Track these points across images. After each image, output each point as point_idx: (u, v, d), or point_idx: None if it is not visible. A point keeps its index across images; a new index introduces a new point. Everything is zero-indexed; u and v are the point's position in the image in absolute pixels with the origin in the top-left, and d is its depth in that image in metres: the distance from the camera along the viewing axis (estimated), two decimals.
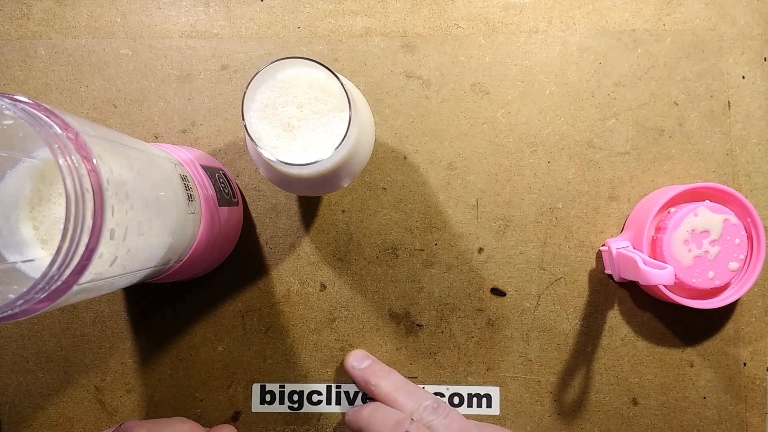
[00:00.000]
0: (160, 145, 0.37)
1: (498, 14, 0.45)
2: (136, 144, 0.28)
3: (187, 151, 0.37)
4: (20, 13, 0.45)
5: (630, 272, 0.39)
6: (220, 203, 0.36)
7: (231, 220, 0.39)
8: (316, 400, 0.44)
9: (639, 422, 0.44)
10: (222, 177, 0.39)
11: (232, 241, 0.41)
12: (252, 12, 0.45)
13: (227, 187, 0.39)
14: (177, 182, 0.29)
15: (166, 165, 0.29)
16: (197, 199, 0.32)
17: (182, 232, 0.30)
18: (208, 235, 0.34)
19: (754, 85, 0.45)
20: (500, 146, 0.45)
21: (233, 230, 0.41)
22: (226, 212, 0.37)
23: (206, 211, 0.34)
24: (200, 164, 0.37)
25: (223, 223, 0.37)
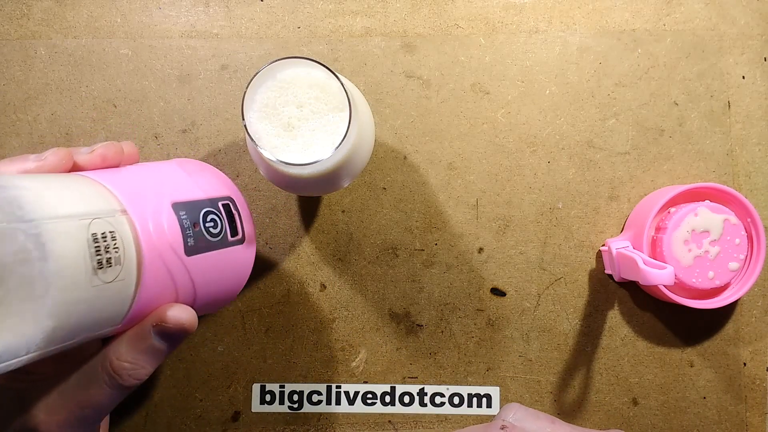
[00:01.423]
0: (118, 173, 0.29)
1: (498, 14, 0.45)
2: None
3: (163, 181, 0.30)
4: (20, 13, 0.45)
5: (630, 272, 0.39)
6: (191, 252, 0.28)
7: (222, 265, 0.31)
8: (316, 400, 0.44)
9: (639, 422, 0.44)
10: (216, 212, 0.31)
11: (230, 286, 0.33)
12: (252, 12, 0.45)
13: (220, 225, 0.31)
14: (73, 252, 0.23)
15: (52, 232, 0.22)
16: (128, 261, 0.25)
17: (80, 309, 0.23)
18: (160, 297, 0.28)
19: (754, 85, 0.45)
20: (500, 146, 0.45)
21: (230, 275, 0.32)
22: (209, 260, 0.30)
23: (154, 270, 0.27)
24: (176, 201, 0.29)
25: (201, 276, 0.29)
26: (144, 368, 0.27)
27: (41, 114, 0.45)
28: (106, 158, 0.29)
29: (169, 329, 0.27)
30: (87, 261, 0.23)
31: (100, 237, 0.24)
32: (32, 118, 0.45)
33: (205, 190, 0.32)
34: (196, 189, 0.31)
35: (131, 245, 0.26)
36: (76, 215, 0.24)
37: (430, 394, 0.44)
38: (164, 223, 0.28)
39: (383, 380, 0.44)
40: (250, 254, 0.34)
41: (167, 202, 0.28)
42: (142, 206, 0.27)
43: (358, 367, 0.44)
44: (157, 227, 0.27)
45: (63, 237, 0.22)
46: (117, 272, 0.25)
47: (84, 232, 0.24)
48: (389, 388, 0.44)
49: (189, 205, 0.30)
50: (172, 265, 0.28)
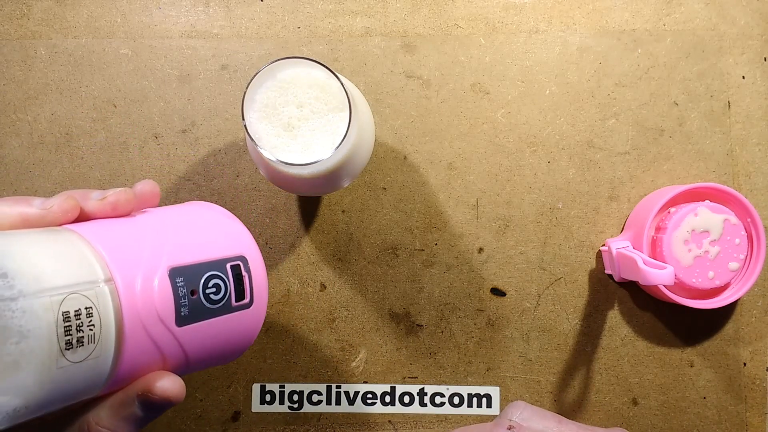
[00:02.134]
0: (119, 230, 0.27)
1: (498, 14, 0.45)
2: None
3: (169, 240, 0.27)
4: (20, 13, 0.45)
5: (630, 272, 0.39)
6: (184, 321, 0.26)
7: (223, 331, 0.28)
8: (316, 400, 0.44)
9: (639, 422, 0.44)
10: (221, 275, 0.28)
11: (229, 352, 0.30)
12: (252, 12, 0.45)
13: (224, 290, 0.28)
14: (39, 333, 0.21)
15: (15, 311, 0.21)
16: (104, 337, 0.23)
17: (50, 387, 0.22)
18: (145, 367, 0.26)
19: (754, 85, 0.45)
20: (500, 146, 0.45)
21: (233, 340, 0.29)
22: (204, 328, 0.27)
23: (137, 342, 0.25)
24: (175, 265, 0.26)
25: (193, 344, 0.27)
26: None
27: (41, 114, 0.45)
28: (117, 207, 0.27)
29: (155, 400, 0.25)
30: (54, 343, 0.21)
31: (73, 315, 0.22)
32: (32, 118, 0.45)
33: (214, 249, 0.28)
34: (203, 248, 0.28)
35: (110, 320, 0.24)
36: (51, 289, 0.22)
37: (430, 394, 0.44)
38: (155, 291, 0.25)
39: (383, 380, 0.44)
40: (257, 317, 0.30)
41: (164, 266, 0.26)
42: (133, 272, 0.25)
43: (358, 367, 0.44)
44: (144, 297, 0.25)
45: (32, 317, 0.21)
46: (90, 350, 0.23)
47: (54, 311, 0.22)
48: (389, 388, 0.44)
49: (189, 270, 0.27)
50: (160, 336, 0.25)
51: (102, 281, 0.24)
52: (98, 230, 0.26)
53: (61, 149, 0.44)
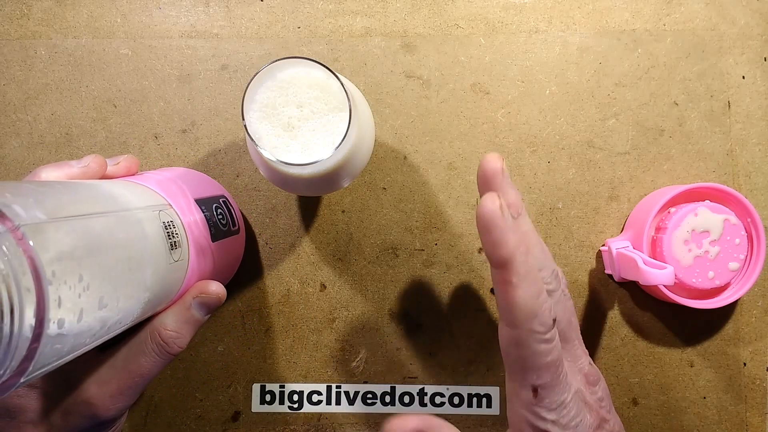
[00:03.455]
0: (152, 177, 0.33)
1: (498, 14, 0.45)
2: (108, 203, 0.25)
3: (182, 183, 0.34)
4: (20, 13, 0.45)
5: (630, 272, 0.39)
6: (214, 238, 0.34)
7: (229, 250, 0.37)
8: (316, 400, 0.44)
9: (639, 422, 0.44)
10: (221, 207, 0.37)
11: (231, 268, 0.40)
12: (252, 12, 0.45)
13: (225, 218, 0.37)
14: (156, 235, 0.27)
15: (143, 219, 0.27)
16: (184, 244, 0.30)
17: (163, 283, 0.28)
18: (199, 275, 0.32)
19: (754, 85, 0.45)
20: (500, 146, 0.45)
21: (233, 259, 0.39)
22: (222, 245, 0.35)
23: (196, 252, 0.32)
24: (196, 198, 0.34)
25: (218, 258, 0.35)
26: (185, 336, 0.31)
27: (41, 114, 0.45)
28: (130, 169, 0.34)
29: (210, 300, 0.31)
30: (165, 243, 0.28)
31: (167, 224, 0.29)
32: (32, 118, 0.45)
33: (209, 189, 0.37)
34: (203, 188, 0.36)
35: (183, 232, 0.30)
36: (149, 207, 0.28)
37: (430, 394, 0.44)
38: (196, 215, 0.33)
39: (383, 380, 0.44)
40: (243, 242, 0.41)
41: (191, 199, 0.33)
42: (179, 202, 0.32)
43: (358, 367, 0.44)
44: (193, 218, 0.32)
45: (149, 222, 0.27)
46: (180, 253, 0.29)
47: (158, 220, 0.28)
48: (389, 388, 0.44)
49: (206, 202, 0.35)
50: (205, 249, 0.33)
51: (167, 205, 0.30)
52: (137, 179, 0.32)
53: (61, 149, 0.44)
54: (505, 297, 0.27)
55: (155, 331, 0.30)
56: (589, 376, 0.31)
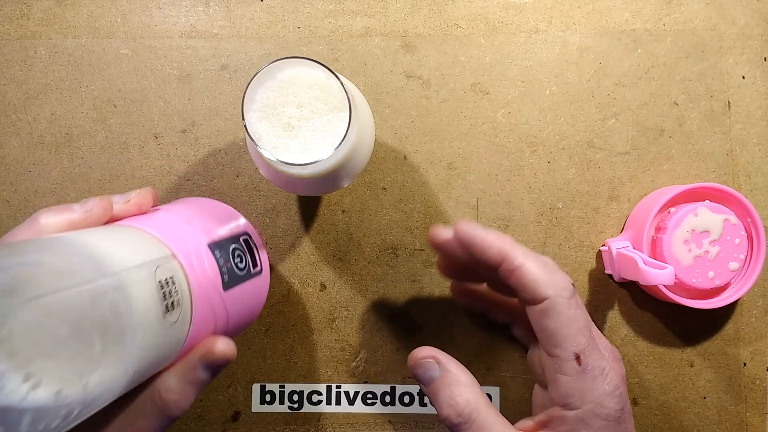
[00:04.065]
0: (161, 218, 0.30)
1: (498, 14, 0.45)
2: (85, 272, 0.22)
3: (197, 224, 0.31)
4: (20, 13, 0.45)
5: (630, 272, 0.39)
6: (227, 286, 0.30)
7: (248, 296, 0.33)
8: (316, 400, 0.44)
9: (639, 422, 0.44)
10: (240, 248, 0.33)
11: (251, 314, 0.35)
12: (252, 12, 0.45)
13: (245, 260, 0.33)
14: (148, 298, 0.24)
15: (132, 282, 0.24)
16: (185, 302, 0.27)
17: (156, 350, 0.25)
18: (206, 331, 0.29)
19: (754, 85, 0.45)
20: (500, 146, 0.45)
21: (253, 304, 0.34)
22: (239, 292, 0.32)
23: (202, 307, 0.28)
24: (211, 241, 0.30)
25: (233, 307, 0.31)
26: (189, 399, 0.28)
27: (41, 114, 0.45)
28: (141, 206, 0.31)
29: (217, 361, 0.28)
30: (159, 306, 0.24)
31: (164, 282, 0.25)
32: (32, 118, 0.45)
33: (229, 228, 0.33)
34: (222, 227, 0.33)
35: (185, 287, 0.27)
36: (143, 264, 0.25)
37: None
38: (205, 263, 0.29)
39: (383, 380, 0.44)
40: (266, 282, 0.36)
41: (204, 243, 0.30)
42: (186, 249, 0.29)
43: (358, 367, 0.44)
44: (200, 268, 0.29)
45: (140, 287, 0.23)
46: (179, 313, 0.26)
47: (153, 280, 0.25)
48: (389, 388, 0.44)
49: (221, 244, 0.31)
50: (214, 301, 0.29)
51: (170, 256, 0.27)
52: (141, 222, 0.29)
53: (61, 149, 0.44)
54: (522, 280, 0.30)
55: (156, 393, 0.28)
56: (614, 352, 0.33)
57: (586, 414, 0.29)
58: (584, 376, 0.29)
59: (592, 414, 0.29)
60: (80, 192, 0.44)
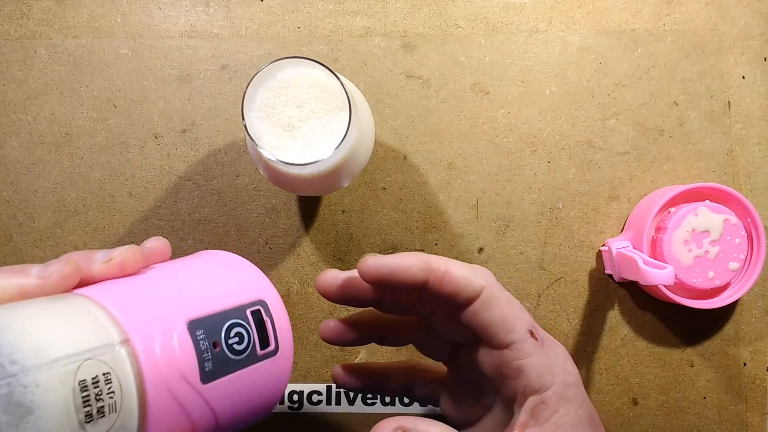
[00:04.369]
0: (127, 287, 0.25)
1: (498, 14, 0.45)
2: None
3: (191, 287, 0.26)
4: (20, 13, 0.45)
5: (630, 272, 0.39)
6: (210, 377, 0.24)
7: (250, 384, 0.26)
8: (316, 400, 0.44)
9: (639, 422, 0.44)
10: (245, 321, 0.26)
11: (262, 405, 0.28)
12: (252, 12, 0.45)
13: (248, 337, 0.26)
14: (53, 410, 0.19)
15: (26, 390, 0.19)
16: (125, 405, 0.21)
17: None
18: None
19: (754, 85, 0.45)
20: (500, 146, 0.45)
21: (261, 393, 0.27)
22: (231, 383, 0.25)
23: (161, 406, 0.23)
24: (192, 318, 0.24)
25: (221, 403, 0.25)
26: None
27: (41, 114, 0.45)
28: (125, 268, 0.25)
29: None
30: (72, 416, 0.20)
31: (90, 383, 0.20)
32: (32, 118, 0.45)
33: (232, 296, 0.27)
34: (221, 296, 0.26)
35: (131, 385, 0.22)
36: (63, 358, 0.20)
37: None
38: (176, 348, 0.23)
39: None
40: (285, 364, 0.28)
41: (182, 320, 0.24)
42: (150, 330, 0.23)
43: None
44: (165, 355, 0.23)
45: (43, 392, 0.19)
46: (112, 420, 0.21)
47: (70, 381, 0.20)
48: None
49: (209, 321, 0.25)
50: (185, 397, 0.23)
51: (117, 343, 0.22)
52: (108, 290, 0.24)
53: (61, 149, 0.44)
54: (453, 283, 0.28)
55: None
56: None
57: (560, 387, 0.27)
58: (545, 349, 0.28)
59: (565, 385, 0.28)
60: (80, 192, 0.44)
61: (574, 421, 0.27)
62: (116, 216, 0.44)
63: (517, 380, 0.28)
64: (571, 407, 0.27)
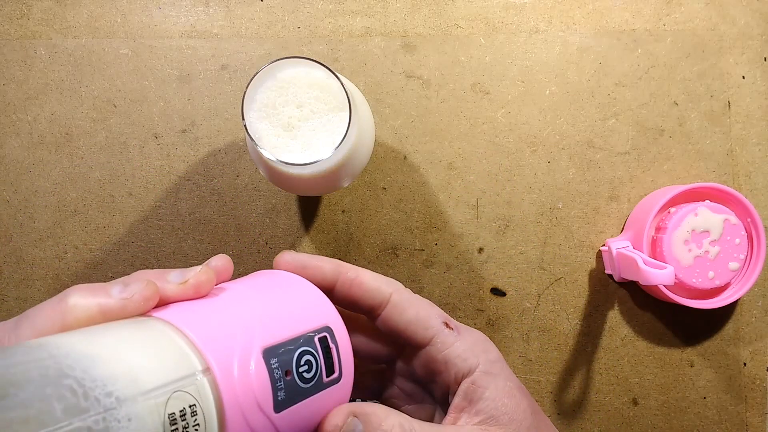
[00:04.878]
0: (207, 312, 0.24)
1: (498, 14, 0.45)
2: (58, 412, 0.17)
3: (257, 317, 0.25)
4: (20, 13, 0.45)
5: (630, 272, 0.39)
6: (282, 406, 0.24)
7: (316, 412, 0.26)
8: None
9: (639, 422, 0.44)
10: (313, 349, 0.26)
11: None
12: (252, 12, 0.45)
13: (315, 365, 0.26)
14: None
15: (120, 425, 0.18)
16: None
17: None
18: None
19: (754, 85, 0.45)
20: (500, 146, 0.45)
21: (321, 419, 0.27)
22: (300, 411, 0.25)
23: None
24: (268, 345, 0.24)
25: (290, 428, 0.25)
26: None
27: (41, 114, 0.45)
28: (200, 290, 0.25)
29: None
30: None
31: (179, 417, 0.20)
32: (32, 118, 0.45)
33: (301, 322, 0.26)
34: (292, 323, 0.26)
35: (212, 415, 0.21)
36: (153, 390, 0.19)
37: None
38: (252, 376, 0.23)
39: None
40: (346, 391, 0.27)
41: (257, 348, 0.23)
42: (229, 358, 0.22)
43: None
44: (243, 384, 0.22)
45: (136, 426, 0.18)
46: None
47: (161, 413, 0.19)
48: None
49: (282, 349, 0.24)
50: (259, 425, 0.23)
51: (200, 372, 0.21)
52: (185, 315, 0.23)
53: (61, 149, 0.44)
54: (363, 287, 0.29)
55: None
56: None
57: (486, 365, 0.29)
58: (462, 335, 0.30)
59: (489, 362, 0.29)
60: (80, 192, 0.44)
61: (505, 392, 0.29)
62: (116, 216, 0.44)
63: (447, 372, 0.29)
64: (500, 380, 0.29)
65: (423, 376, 0.31)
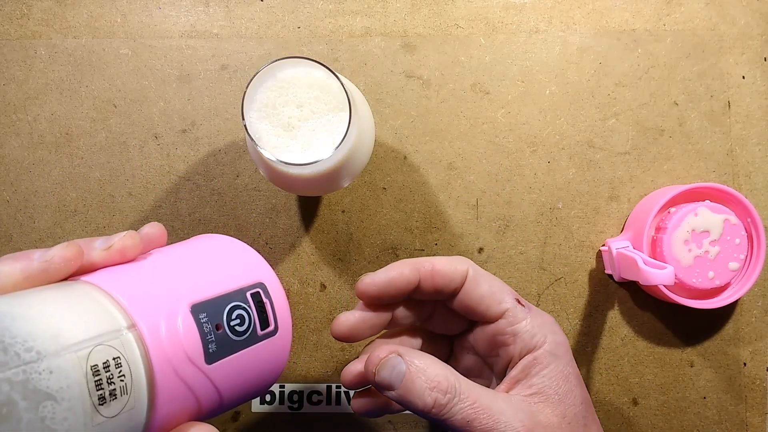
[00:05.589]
0: (129, 273, 0.25)
1: (498, 14, 0.45)
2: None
3: (181, 277, 0.26)
4: (20, 13, 0.45)
5: (630, 272, 0.39)
6: (214, 357, 0.25)
7: (252, 363, 0.27)
8: (316, 400, 0.44)
9: (639, 422, 0.44)
10: (245, 304, 0.27)
11: (261, 383, 0.29)
12: (252, 12, 0.45)
13: (248, 319, 0.27)
14: (69, 394, 0.20)
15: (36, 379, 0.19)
16: (136, 387, 0.22)
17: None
18: (181, 414, 0.24)
19: (754, 85, 0.45)
20: (500, 146, 0.45)
21: (262, 371, 0.28)
22: (233, 363, 0.26)
23: (170, 386, 0.24)
24: (194, 302, 0.25)
25: (225, 382, 0.26)
26: None
27: (41, 114, 0.45)
28: (125, 253, 0.26)
29: None
30: (86, 400, 0.20)
31: (102, 367, 0.21)
32: (32, 118, 0.45)
33: (232, 279, 0.27)
34: (221, 280, 0.27)
35: (140, 368, 0.22)
36: (74, 345, 0.20)
37: None
38: (180, 331, 0.24)
39: None
40: (284, 344, 0.29)
41: (185, 304, 0.25)
42: (155, 315, 0.24)
43: None
44: (171, 339, 0.24)
45: (57, 378, 0.19)
46: (124, 402, 0.22)
47: (82, 366, 0.20)
48: None
49: (211, 304, 0.26)
50: (191, 377, 0.24)
51: (125, 328, 0.23)
52: (111, 277, 0.25)
53: (61, 149, 0.44)
54: (442, 273, 0.31)
55: None
56: None
57: (551, 346, 0.30)
58: (533, 313, 0.31)
59: (555, 344, 0.30)
60: (80, 192, 0.44)
61: (562, 375, 0.29)
62: (116, 216, 0.44)
63: (513, 345, 0.30)
64: (560, 363, 0.30)
65: (486, 350, 0.32)
